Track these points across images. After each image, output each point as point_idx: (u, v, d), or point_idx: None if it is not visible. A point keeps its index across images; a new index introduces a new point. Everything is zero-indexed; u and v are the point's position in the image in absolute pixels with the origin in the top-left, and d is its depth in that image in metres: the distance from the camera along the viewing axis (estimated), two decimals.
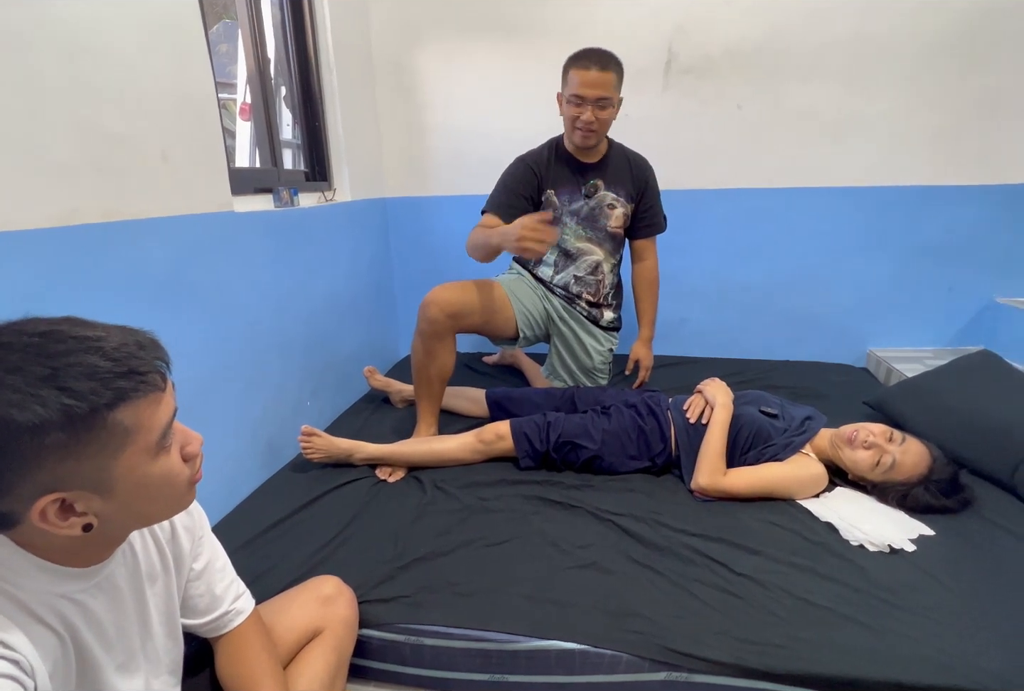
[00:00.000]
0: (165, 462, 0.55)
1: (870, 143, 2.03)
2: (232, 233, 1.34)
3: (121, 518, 0.55)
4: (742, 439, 1.39)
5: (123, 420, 0.50)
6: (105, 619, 0.60)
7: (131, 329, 0.54)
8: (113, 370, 0.49)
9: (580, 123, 1.54)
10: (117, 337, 0.51)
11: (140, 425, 0.51)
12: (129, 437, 0.51)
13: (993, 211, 2.04)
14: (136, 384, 0.50)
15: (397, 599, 1.01)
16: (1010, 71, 1.90)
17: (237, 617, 0.77)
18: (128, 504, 0.54)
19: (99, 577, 0.59)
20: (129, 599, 0.64)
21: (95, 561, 0.59)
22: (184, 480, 0.58)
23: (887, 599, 1.00)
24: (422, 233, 2.37)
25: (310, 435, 1.44)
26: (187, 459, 0.58)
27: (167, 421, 0.54)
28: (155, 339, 0.54)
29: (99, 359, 0.48)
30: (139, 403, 0.51)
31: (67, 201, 0.93)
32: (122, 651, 0.62)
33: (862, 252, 2.14)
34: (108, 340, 0.50)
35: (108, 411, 0.49)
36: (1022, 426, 1.37)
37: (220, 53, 2.46)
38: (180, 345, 1.15)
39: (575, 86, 1.51)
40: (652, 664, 0.92)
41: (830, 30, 1.94)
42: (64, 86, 0.91)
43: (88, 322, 0.52)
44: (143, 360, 0.51)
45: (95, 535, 0.54)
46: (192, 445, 0.59)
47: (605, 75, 1.50)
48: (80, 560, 0.57)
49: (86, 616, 0.58)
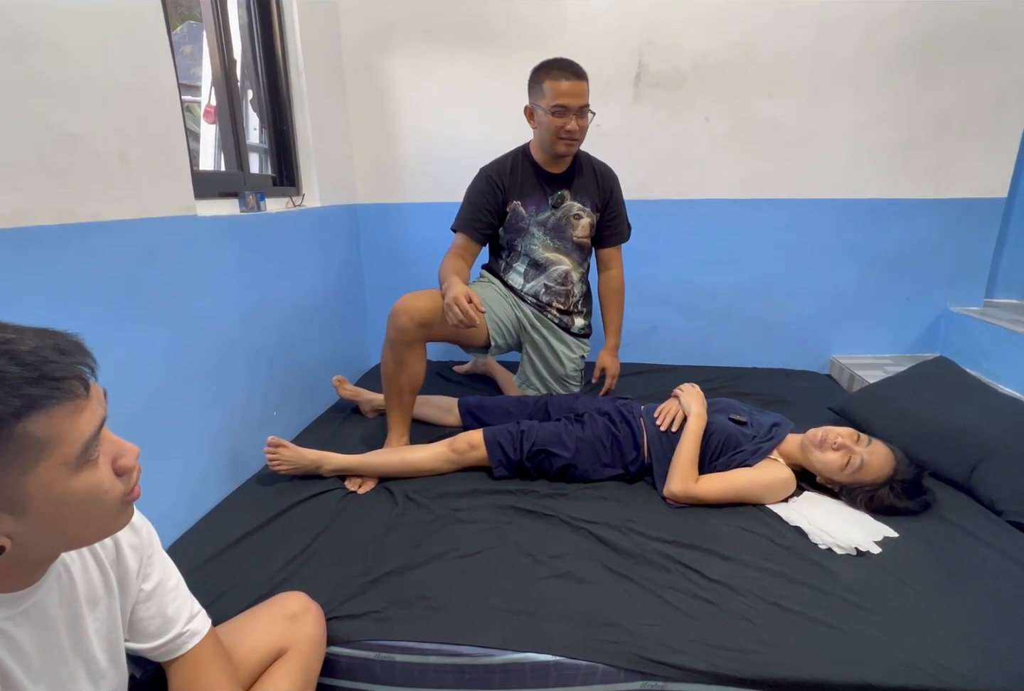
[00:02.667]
0: (90, 477, 0.49)
1: (831, 156, 2.10)
2: (194, 238, 1.30)
3: (40, 540, 0.50)
4: (712, 446, 1.40)
5: (34, 431, 0.45)
6: (31, 650, 0.55)
7: (51, 331, 0.49)
8: (22, 375, 0.44)
9: (565, 133, 1.54)
10: (32, 340, 0.46)
11: (56, 437, 0.46)
12: (44, 450, 0.46)
13: (946, 223, 2.13)
14: (49, 391, 0.45)
15: (367, 614, 0.98)
16: (958, 89, 2.00)
17: (192, 639, 0.72)
18: (47, 524, 0.48)
19: (26, 604, 0.54)
20: (62, 627, 0.59)
21: (20, 586, 0.54)
22: (115, 497, 0.52)
23: (855, 601, 1.02)
24: (393, 240, 2.34)
25: (276, 446, 1.40)
26: (120, 473, 0.53)
27: (91, 432, 0.49)
28: (79, 342, 0.50)
29: (6, 363, 0.44)
30: (54, 412, 0.46)
31: (15, 202, 0.88)
32: (48, 684, 0.57)
33: (825, 262, 2.21)
34: (20, 343, 0.45)
35: (15, 421, 0.44)
36: (978, 429, 1.43)
37: (184, 54, 2.41)
38: (137, 354, 1.13)
39: (556, 96, 1.51)
40: (627, 674, 0.91)
41: (791, 47, 2.01)
42: (10, 80, 0.87)
43: (2, 324, 0.48)
44: (59, 365, 0.46)
45: (13, 558, 0.49)
46: (126, 457, 0.53)
47: (580, 83, 1.52)
48: (6, 584, 0.53)
49: (9, 646, 0.53)
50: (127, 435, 0.58)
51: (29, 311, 0.90)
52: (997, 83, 1.98)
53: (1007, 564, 1.12)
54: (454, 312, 1.42)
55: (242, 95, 1.82)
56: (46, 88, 0.92)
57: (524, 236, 1.73)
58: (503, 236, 1.76)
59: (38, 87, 0.91)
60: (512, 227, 1.73)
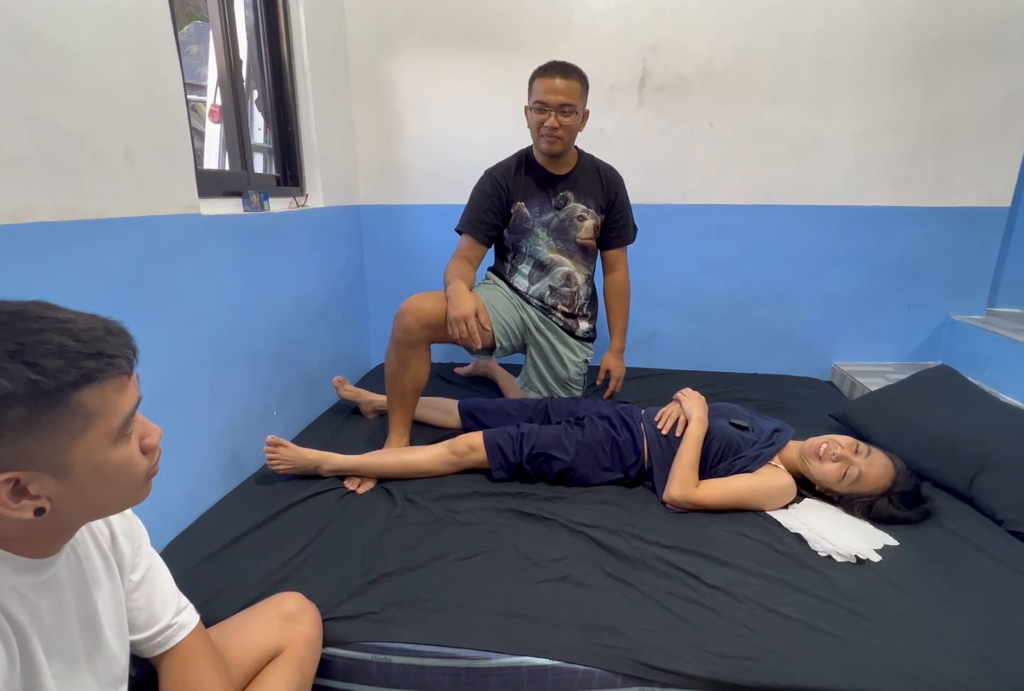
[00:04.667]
0: (124, 450, 0.54)
1: (834, 163, 2.10)
2: (198, 236, 1.30)
3: (74, 506, 0.53)
4: (713, 451, 1.40)
5: (87, 402, 0.49)
6: (49, 621, 0.56)
7: (99, 316, 0.53)
8: (81, 351, 0.48)
9: (545, 129, 1.57)
10: (86, 321, 0.51)
11: (104, 409, 0.50)
12: (92, 420, 0.50)
13: (949, 232, 2.13)
14: (103, 366, 0.49)
15: (364, 616, 0.98)
16: (962, 99, 2.00)
17: (180, 632, 0.72)
18: (83, 490, 0.52)
19: (47, 575, 0.57)
20: (72, 604, 0.60)
21: (44, 553, 0.56)
22: (142, 471, 0.56)
23: (854, 609, 1.01)
24: (396, 242, 2.34)
25: (276, 445, 1.40)
26: (145, 451, 0.57)
27: (131, 408, 0.53)
28: (123, 327, 0.54)
29: (67, 339, 0.48)
30: (104, 386, 0.50)
31: (19, 198, 0.88)
32: (60, 660, 0.58)
33: (827, 269, 2.21)
34: (77, 322, 0.50)
35: (73, 391, 0.48)
36: (979, 438, 1.42)
37: (191, 54, 2.42)
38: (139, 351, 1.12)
39: (538, 93, 1.55)
40: (624, 679, 0.91)
41: (795, 54, 2.01)
42: (16, 78, 0.87)
43: (59, 307, 0.52)
44: (111, 344, 0.51)
45: (46, 523, 0.52)
46: (151, 437, 0.57)
47: (567, 82, 1.53)
48: (30, 549, 0.55)
49: (32, 615, 0.54)
50: None
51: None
52: (1002, 92, 1.98)
53: (1007, 573, 1.11)
54: (460, 330, 1.46)
55: (247, 95, 1.82)
56: (53, 86, 0.93)
57: (528, 237, 1.73)
58: (508, 238, 1.76)
59: (45, 85, 0.91)
60: (516, 228, 1.73)
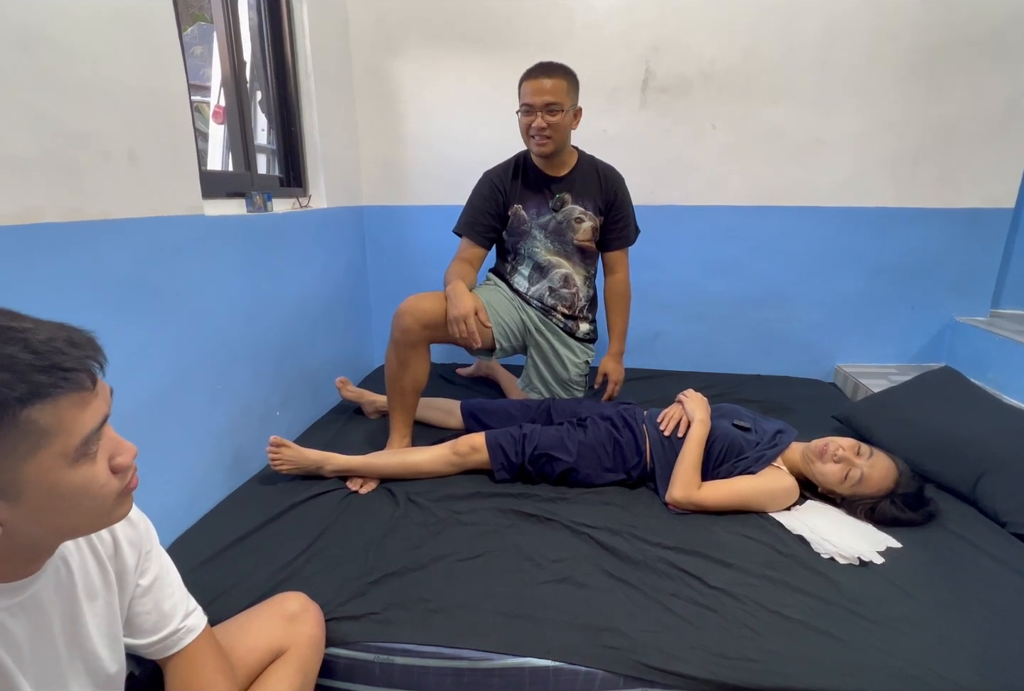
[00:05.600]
0: (86, 470, 0.50)
1: (837, 164, 2.10)
2: (202, 237, 1.30)
3: (32, 529, 0.50)
4: (715, 452, 1.40)
5: (38, 419, 0.46)
6: (23, 643, 0.55)
7: (67, 326, 0.50)
8: (33, 363, 0.45)
9: (533, 130, 1.57)
10: (47, 332, 0.47)
11: (59, 427, 0.47)
12: (45, 439, 0.46)
13: (952, 233, 2.12)
14: (57, 380, 0.46)
15: (367, 616, 0.98)
16: (966, 100, 2.00)
17: (188, 635, 0.72)
18: (39, 514, 0.49)
19: (22, 596, 0.55)
20: (57, 621, 0.59)
21: (19, 576, 0.54)
22: (110, 492, 0.52)
23: (857, 611, 1.01)
24: (399, 243, 2.35)
25: (279, 446, 1.40)
26: (116, 471, 0.53)
27: (93, 426, 0.49)
28: (92, 338, 0.50)
29: (19, 350, 0.45)
30: (59, 402, 0.47)
31: (23, 198, 0.88)
32: (40, 677, 0.57)
33: (830, 270, 2.20)
34: (36, 333, 0.46)
35: (20, 407, 0.44)
36: (983, 440, 1.42)
37: (194, 55, 2.42)
38: (141, 351, 1.13)
39: (524, 96, 1.55)
40: (627, 680, 0.91)
41: (799, 54, 2.01)
42: (21, 78, 0.87)
43: (20, 315, 0.49)
44: (69, 356, 0.47)
45: (7, 547, 0.50)
46: (124, 456, 0.53)
47: (550, 81, 1.52)
48: (3, 573, 0.53)
49: (4, 638, 0.53)
50: (130, 432, 0.58)
51: (36, 308, 0.88)
52: (1006, 94, 1.98)
53: (1010, 575, 1.11)
54: (460, 328, 1.46)
55: (251, 96, 1.83)
56: (57, 87, 0.93)
57: (526, 239, 1.73)
58: (507, 239, 1.77)
59: (49, 86, 0.92)
60: (514, 230, 1.73)
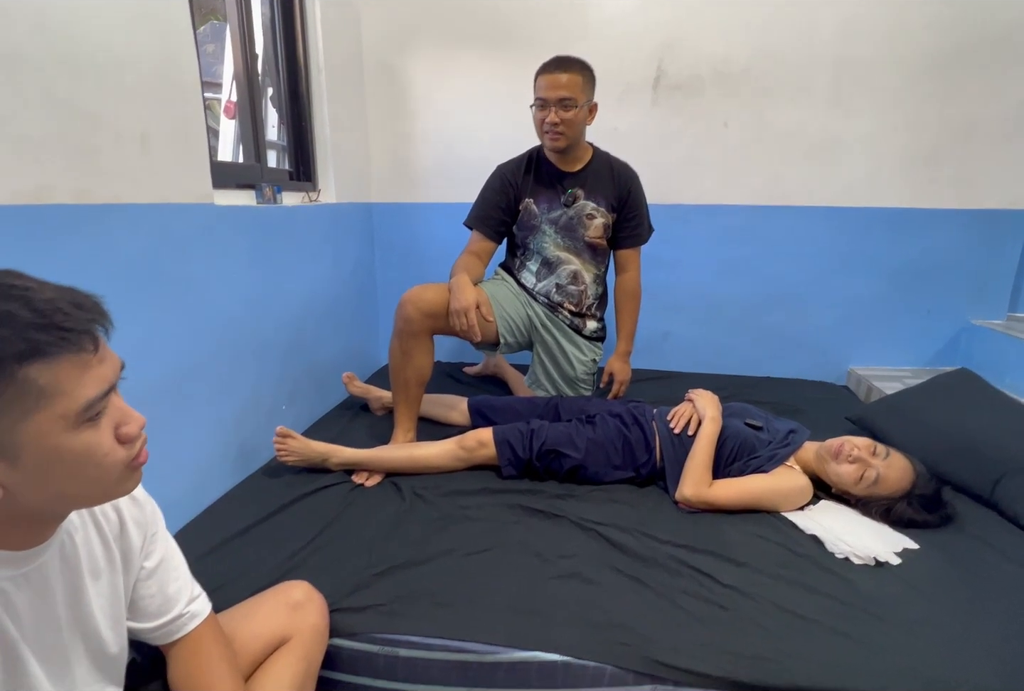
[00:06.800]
0: (89, 436, 0.48)
1: (851, 164, 2.08)
2: (211, 226, 1.30)
3: (34, 494, 0.49)
4: (727, 451, 1.37)
5: (37, 378, 0.45)
6: (25, 615, 0.54)
7: (74, 289, 0.49)
8: (32, 321, 0.44)
9: (546, 126, 1.56)
10: (51, 292, 0.47)
11: (58, 388, 0.46)
12: (43, 399, 0.45)
13: (969, 235, 2.09)
14: (56, 339, 0.45)
15: (371, 607, 0.96)
16: (984, 100, 1.98)
17: (192, 621, 0.71)
18: (40, 478, 0.48)
19: (29, 566, 0.54)
20: (60, 597, 0.58)
21: (25, 545, 0.53)
22: (116, 461, 0.51)
23: (873, 612, 0.99)
24: (408, 239, 2.34)
25: (285, 437, 1.39)
26: (122, 441, 0.51)
27: (97, 392, 0.48)
28: (97, 302, 0.49)
29: (20, 308, 0.44)
30: (59, 362, 0.46)
31: (36, 177, 0.88)
32: (42, 652, 0.56)
33: (844, 272, 2.17)
34: (38, 292, 0.46)
35: (17, 364, 0.44)
36: (1002, 443, 1.38)
37: (207, 53, 2.44)
38: (148, 338, 1.12)
39: (539, 90, 1.55)
40: (637, 676, 0.88)
41: (814, 53, 1.99)
42: (35, 58, 0.87)
43: (26, 276, 0.48)
44: (71, 317, 0.46)
45: (12, 512, 0.49)
46: (130, 426, 0.52)
47: (565, 76, 1.51)
48: (7, 540, 0.52)
49: (7, 607, 0.52)
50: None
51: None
52: (1022, 95, 1.95)
53: None
54: (460, 321, 1.45)
55: (262, 92, 1.83)
56: (72, 67, 0.93)
57: (536, 234, 1.72)
58: (517, 234, 1.76)
59: (64, 66, 0.92)
60: (524, 225, 1.72)
